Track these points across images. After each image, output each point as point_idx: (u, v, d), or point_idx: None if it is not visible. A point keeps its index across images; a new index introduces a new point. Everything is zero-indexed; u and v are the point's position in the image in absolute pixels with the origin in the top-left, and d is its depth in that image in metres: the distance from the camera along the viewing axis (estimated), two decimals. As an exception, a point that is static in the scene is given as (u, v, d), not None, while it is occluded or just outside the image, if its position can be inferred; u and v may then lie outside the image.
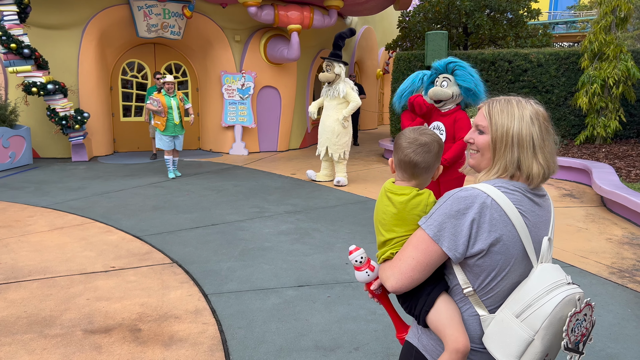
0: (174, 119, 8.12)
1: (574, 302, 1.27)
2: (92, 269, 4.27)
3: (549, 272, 1.33)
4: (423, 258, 1.37)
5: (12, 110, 9.17)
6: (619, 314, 3.53)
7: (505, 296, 1.37)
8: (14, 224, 5.54)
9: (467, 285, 1.39)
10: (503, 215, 1.33)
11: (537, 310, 1.26)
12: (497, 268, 1.35)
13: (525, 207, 1.37)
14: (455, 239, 1.34)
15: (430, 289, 1.43)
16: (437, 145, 1.55)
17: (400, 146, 1.55)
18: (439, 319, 1.40)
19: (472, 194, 1.35)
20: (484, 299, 1.39)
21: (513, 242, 1.34)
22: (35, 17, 9.37)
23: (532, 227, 1.37)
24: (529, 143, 1.37)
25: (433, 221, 1.37)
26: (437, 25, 12.88)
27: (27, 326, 3.25)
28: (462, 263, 1.38)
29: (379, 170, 9.28)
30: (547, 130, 1.40)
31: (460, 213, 1.34)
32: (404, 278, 1.39)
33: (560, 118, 10.14)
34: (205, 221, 5.76)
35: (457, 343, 1.36)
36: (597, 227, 5.64)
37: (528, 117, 1.38)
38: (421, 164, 1.52)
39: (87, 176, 8.37)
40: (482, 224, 1.32)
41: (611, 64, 9.19)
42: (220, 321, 3.35)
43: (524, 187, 1.40)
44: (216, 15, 10.76)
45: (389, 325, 3.29)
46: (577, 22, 25.09)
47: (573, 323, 1.27)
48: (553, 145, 1.42)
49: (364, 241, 5.09)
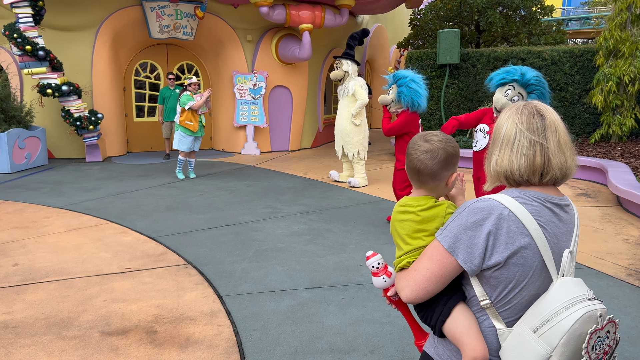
0: (202, 120, 8.20)
1: (595, 318, 1.22)
2: (108, 270, 4.32)
3: (569, 286, 1.28)
4: (438, 270, 1.35)
5: (28, 111, 9.29)
6: (637, 317, 3.49)
7: (523, 309, 1.34)
8: (31, 225, 5.61)
9: (484, 297, 1.36)
10: (521, 227, 1.29)
11: (555, 326, 1.22)
12: (514, 280, 1.31)
13: (545, 218, 1.33)
14: (471, 251, 1.31)
15: (446, 299, 1.41)
16: (443, 152, 1.49)
17: (408, 153, 1.54)
18: (456, 328, 1.38)
19: (489, 205, 1.32)
20: (501, 312, 1.36)
21: (531, 254, 1.30)
22: (49, 19, 9.47)
23: (552, 238, 1.33)
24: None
25: (448, 232, 1.35)
26: (449, 23, 12.80)
27: (45, 327, 3.29)
28: (479, 275, 1.35)
29: (390, 169, 9.25)
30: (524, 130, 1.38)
31: (477, 224, 1.31)
32: (419, 289, 1.38)
33: (575, 116, 10.04)
34: (218, 222, 5.79)
35: (475, 351, 1.34)
36: (613, 227, 5.58)
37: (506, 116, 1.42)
38: (424, 171, 1.50)
39: (101, 176, 8.45)
40: (499, 236, 1.29)
41: (627, 62, 9.07)
42: (236, 323, 3.37)
43: (544, 197, 1.35)
44: (228, 15, 10.80)
45: (404, 328, 3.29)
46: (591, 18, 24.78)
47: (594, 340, 1.22)
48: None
49: (378, 242, 5.08)
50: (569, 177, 1.40)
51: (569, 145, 1.37)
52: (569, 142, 1.37)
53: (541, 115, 1.37)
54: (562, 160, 1.35)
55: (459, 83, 10.55)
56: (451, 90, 10.59)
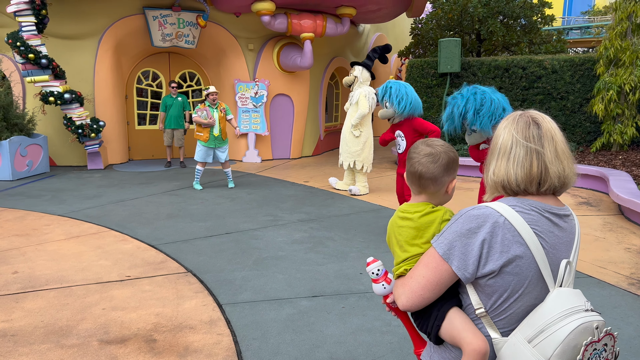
0: (214, 131, 7.93)
1: (591, 330, 1.21)
2: (108, 278, 4.31)
3: (566, 296, 1.27)
4: (433, 277, 1.35)
5: (30, 119, 9.32)
6: (639, 327, 3.46)
7: (519, 319, 1.33)
8: (31, 233, 5.61)
9: (479, 305, 1.35)
10: (516, 236, 1.28)
11: (550, 337, 1.21)
12: (509, 289, 1.30)
13: (543, 227, 1.31)
14: (465, 258, 1.30)
15: (441, 304, 1.41)
16: (445, 156, 1.51)
17: (409, 157, 1.55)
18: (453, 328, 1.38)
19: (485, 213, 1.31)
20: (496, 321, 1.35)
21: (527, 263, 1.29)
22: (52, 27, 9.53)
23: (549, 248, 1.31)
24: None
25: (444, 239, 1.35)
26: (450, 32, 12.85)
27: (44, 336, 3.28)
28: (475, 283, 1.35)
29: (391, 178, 9.24)
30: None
31: (472, 232, 1.30)
32: (415, 296, 1.38)
33: (576, 125, 10.04)
34: (219, 230, 5.78)
35: (474, 344, 1.33)
36: (615, 236, 5.56)
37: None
38: (425, 175, 1.50)
39: (102, 184, 8.46)
40: (493, 244, 1.28)
41: (627, 70, 9.09)
42: (235, 332, 3.35)
43: (542, 207, 1.34)
44: (230, 24, 10.85)
45: (405, 337, 3.27)
46: (591, 27, 24.86)
47: (590, 352, 1.20)
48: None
49: (378, 250, 5.06)
50: (568, 186, 1.38)
51: (567, 154, 1.36)
52: (566, 150, 1.36)
53: (537, 124, 1.36)
54: (559, 169, 1.34)
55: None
56: (452, 98, 10.61)
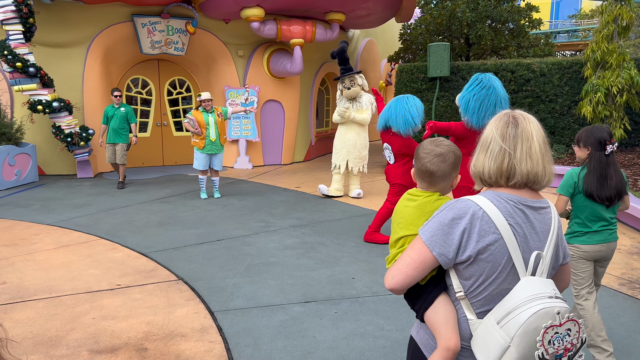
0: (210, 136, 7.76)
1: (552, 315, 1.32)
2: (98, 287, 4.26)
3: (534, 284, 1.39)
4: (417, 257, 1.48)
5: (18, 128, 9.23)
6: (630, 327, 3.48)
7: (493, 301, 1.45)
8: (20, 242, 5.54)
9: (459, 288, 1.49)
10: (492, 226, 1.41)
11: (514, 319, 1.34)
12: (484, 275, 1.44)
13: (516, 219, 1.44)
14: (446, 245, 1.45)
15: (431, 288, 1.56)
16: (452, 155, 1.69)
17: (418, 156, 1.72)
18: (436, 319, 1.52)
19: (466, 206, 1.46)
20: (473, 302, 1.48)
21: (499, 250, 1.42)
22: (40, 36, 9.47)
23: (521, 238, 1.44)
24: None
25: (429, 227, 1.49)
26: (439, 37, 12.93)
27: (33, 347, 3.23)
28: (455, 268, 1.49)
29: (383, 182, 9.25)
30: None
31: (454, 222, 1.44)
32: (399, 274, 1.50)
33: (565, 127, 10.12)
34: (210, 237, 5.75)
35: (449, 342, 1.48)
36: (605, 237, 5.58)
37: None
38: (437, 173, 1.68)
39: (92, 192, 8.39)
40: (471, 234, 1.42)
41: (614, 73, 9.17)
42: (227, 339, 3.32)
43: (518, 199, 1.46)
44: (219, 30, 10.85)
45: (398, 342, 3.26)
46: (578, 30, 25.15)
47: (550, 335, 1.31)
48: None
49: (370, 254, 5.06)
50: (541, 182, 1.48)
51: (540, 153, 1.46)
52: (542, 150, 1.47)
53: (516, 124, 1.48)
54: (529, 167, 1.45)
55: (449, 95, 10.62)
56: (442, 102, 10.65)
